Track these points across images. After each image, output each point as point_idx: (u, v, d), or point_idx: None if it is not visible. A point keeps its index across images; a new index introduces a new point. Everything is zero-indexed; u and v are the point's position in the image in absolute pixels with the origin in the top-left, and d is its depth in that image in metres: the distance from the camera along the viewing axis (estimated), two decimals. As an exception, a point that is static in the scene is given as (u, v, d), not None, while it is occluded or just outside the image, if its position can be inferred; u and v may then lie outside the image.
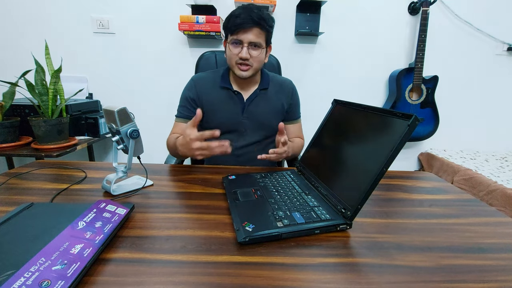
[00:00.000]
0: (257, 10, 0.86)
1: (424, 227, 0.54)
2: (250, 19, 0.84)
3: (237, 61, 0.89)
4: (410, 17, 1.78)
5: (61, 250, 0.38)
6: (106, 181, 0.64)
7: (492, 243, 0.49)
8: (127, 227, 0.50)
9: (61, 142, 1.33)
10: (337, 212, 0.54)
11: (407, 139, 0.47)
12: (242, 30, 0.85)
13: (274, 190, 0.64)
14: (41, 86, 1.24)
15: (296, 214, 0.53)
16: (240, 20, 0.84)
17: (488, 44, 1.84)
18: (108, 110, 0.60)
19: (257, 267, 0.41)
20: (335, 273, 0.40)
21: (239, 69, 0.90)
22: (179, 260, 0.42)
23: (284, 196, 0.61)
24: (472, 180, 1.47)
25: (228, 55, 0.92)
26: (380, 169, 0.47)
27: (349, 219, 0.50)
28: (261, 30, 0.88)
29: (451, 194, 0.71)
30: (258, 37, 0.88)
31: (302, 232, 0.49)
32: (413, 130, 0.47)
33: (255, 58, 0.89)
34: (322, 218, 0.52)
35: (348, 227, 0.51)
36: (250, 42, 0.87)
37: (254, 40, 0.87)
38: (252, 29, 0.86)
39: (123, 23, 1.70)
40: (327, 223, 0.50)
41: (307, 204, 0.57)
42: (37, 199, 0.60)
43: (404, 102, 1.76)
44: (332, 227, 0.50)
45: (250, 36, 0.86)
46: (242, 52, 0.87)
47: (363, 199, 0.48)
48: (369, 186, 0.48)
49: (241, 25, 0.85)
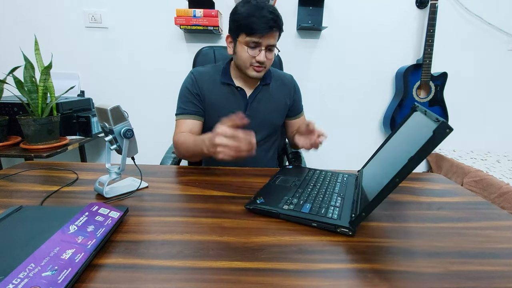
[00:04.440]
0: (274, 10, 0.86)
1: (433, 231, 0.54)
2: (273, 22, 0.84)
3: (253, 63, 0.89)
4: (418, 10, 1.78)
5: (51, 256, 0.38)
6: (99, 183, 0.64)
7: (504, 248, 0.49)
8: (121, 231, 0.50)
9: (52, 142, 1.33)
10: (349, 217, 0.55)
11: (430, 148, 0.42)
12: (264, 34, 0.85)
13: (313, 184, 0.69)
14: (30, 83, 1.24)
15: (307, 204, 0.58)
16: (262, 23, 0.83)
17: (499, 39, 1.83)
18: (101, 109, 0.60)
19: (257, 273, 0.41)
20: (339, 279, 0.40)
21: (254, 70, 0.90)
22: (175, 266, 0.42)
23: (315, 190, 0.65)
24: (483, 182, 1.47)
25: (241, 56, 0.89)
26: (390, 179, 0.46)
27: (350, 224, 0.51)
28: (278, 32, 0.89)
29: (461, 197, 0.71)
30: (275, 40, 0.89)
31: (299, 219, 0.54)
32: (441, 139, 0.41)
33: (270, 60, 0.91)
34: (328, 216, 0.54)
35: (350, 232, 0.51)
36: (268, 45, 0.87)
37: (273, 43, 0.88)
38: (272, 33, 0.86)
39: (116, 17, 1.70)
40: (326, 221, 0.52)
41: (329, 202, 0.60)
42: (26, 201, 0.60)
43: (412, 100, 1.76)
44: (330, 225, 0.52)
45: (270, 40, 0.87)
46: (260, 55, 0.87)
47: (366, 206, 0.49)
48: (375, 195, 0.48)
49: (264, 29, 0.83)
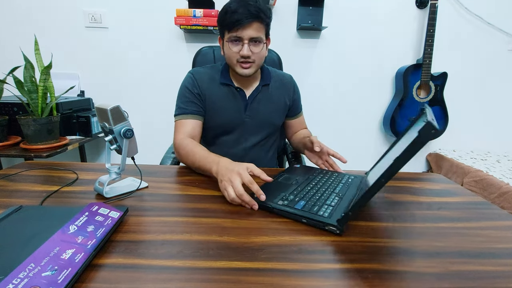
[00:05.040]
0: (253, 2, 0.84)
1: (433, 231, 0.54)
2: (248, 14, 0.82)
3: (239, 59, 0.87)
4: (418, 10, 1.78)
5: (51, 256, 0.38)
6: (99, 183, 0.64)
7: (504, 248, 0.49)
8: (121, 231, 0.50)
9: (51, 142, 1.33)
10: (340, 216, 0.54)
11: (415, 149, 0.42)
12: (242, 27, 0.83)
13: (314, 184, 0.70)
14: (30, 83, 1.24)
15: (301, 202, 0.60)
16: (238, 16, 0.82)
17: (500, 39, 1.84)
18: (101, 109, 0.60)
19: (257, 273, 0.41)
20: (339, 279, 0.40)
21: (241, 67, 0.88)
22: (175, 266, 0.42)
23: (314, 189, 0.67)
24: (483, 182, 1.47)
25: (227, 54, 0.89)
26: (376, 179, 0.46)
27: (337, 222, 0.51)
28: (260, 24, 0.85)
29: (461, 197, 0.71)
30: (259, 32, 0.86)
31: (290, 214, 0.56)
32: (426, 140, 0.40)
33: (257, 54, 0.88)
34: (319, 214, 0.55)
35: (337, 230, 0.51)
36: (251, 38, 0.85)
37: (254, 35, 0.85)
38: (251, 24, 0.83)
39: (116, 17, 1.70)
40: (316, 218, 0.53)
41: (324, 201, 0.61)
42: (26, 201, 0.60)
43: (412, 100, 1.76)
44: (319, 223, 0.53)
45: (250, 31, 0.84)
46: (243, 49, 0.85)
47: (353, 206, 0.50)
48: (361, 195, 0.49)
49: (240, 21, 0.82)
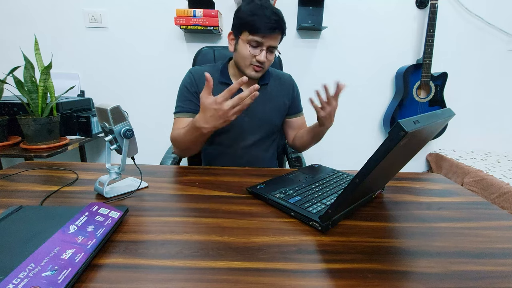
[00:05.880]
0: (279, 13, 0.86)
1: (433, 231, 0.54)
2: (278, 25, 0.84)
3: (253, 62, 0.89)
4: (418, 10, 1.78)
5: (51, 256, 0.38)
6: (99, 183, 0.64)
7: (504, 248, 0.50)
8: (121, 231, 0.50)
9: (52, 142, 1.33)
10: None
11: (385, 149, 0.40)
12: (268, 35, 0.85)
13: (322, 183, 0.72)
14: (30, 83, 1.24)
15: (297, 197, 0.63)
16: (271, 24, 0.83)
17: (500, 39, 1.84)
18: (101, 109, 0.60)
19: (257, 273, 0.41)
20: (339, 279, 0.40)
21: (254, 70, 0.90)
22: (175, 266, 0.42)
23: (317, 188, 0.69)
24: (483, 182, 1.47)
25: (242, 54, 0.89)
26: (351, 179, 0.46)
27: (320, 219, 0.52)
28: (281, 36, 0.89)
29: (461, 197, 0.71)
30: (277, 42, 0.89)
31: (282, 207, 0.60)
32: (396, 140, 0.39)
33: (270, 62, 0.91)
34: (308, 210, 0.57)
35: (319, 227, 0.52)
36: (270, 46, 0.87)
37: (274, 45, 0.88)
38: (276, 35, 0.87)
39: (116, 17, 1.70)
40: (303, 213, 0.56)
41: (322, 199, 0.63)
42: (26, 201, 0.60)
43: (412, 100, 1.76)
44: (304, 217, 0.55)
45: (272, 41, 0.87)
46: (261, 55, 0.87)
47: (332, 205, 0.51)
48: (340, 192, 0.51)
49: (270, 30, 0.84)
